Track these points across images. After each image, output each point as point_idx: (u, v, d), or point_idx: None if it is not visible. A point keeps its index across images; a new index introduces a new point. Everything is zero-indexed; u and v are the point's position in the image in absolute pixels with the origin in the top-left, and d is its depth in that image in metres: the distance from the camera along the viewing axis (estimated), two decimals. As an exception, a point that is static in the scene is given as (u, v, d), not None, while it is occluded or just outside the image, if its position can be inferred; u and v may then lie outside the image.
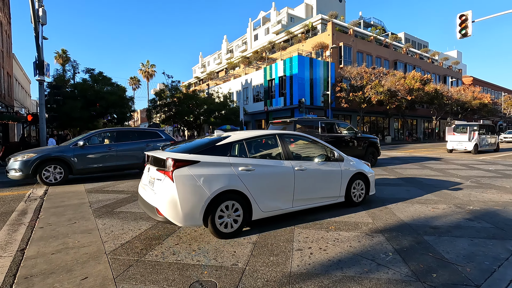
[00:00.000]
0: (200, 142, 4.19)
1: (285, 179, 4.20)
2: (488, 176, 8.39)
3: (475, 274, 2.74)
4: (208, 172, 3.60)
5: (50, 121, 20.79)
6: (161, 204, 3.46)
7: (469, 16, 12.92)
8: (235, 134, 4.30)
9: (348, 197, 5.03)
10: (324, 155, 4.86)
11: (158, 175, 3.67)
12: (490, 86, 58.87)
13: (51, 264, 3.07)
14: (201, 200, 3.49)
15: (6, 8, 26.17)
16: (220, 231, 3.64)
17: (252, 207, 3.86)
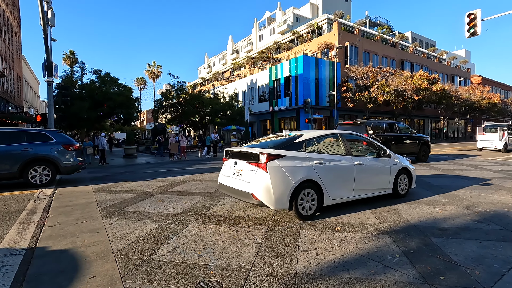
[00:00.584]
0: (280, 139, 4.93)
1: (348, 172, 4.90)
2: (498, 178, 8.25)
3: (484, 277, 2.70)
4: (292, 165, 4.34)
5: (58, 121, 21.10)
6: (257, 190, 4.18)
7: (477, 15, 12.72)
8: (307, 133, 4.99)
9: (395, 189, 5.69)
10: (376, 152, 5.59)
11: (250, 167, 4.39)
12: (499, 85, 57.81)
13: (59, 263, 3.11)
14: (287, 187, 4.18)
15: (16, 10, 26.66)
16: (301, 213, 4.38)
17: (324, 195, 4.57)
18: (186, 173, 10.48)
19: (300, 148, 4.63)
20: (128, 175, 10.20)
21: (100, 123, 24.65)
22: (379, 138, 11.24)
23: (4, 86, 21.43)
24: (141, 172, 11.01)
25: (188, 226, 4.30)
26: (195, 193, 6.75)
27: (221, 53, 62.44)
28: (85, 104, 20.23)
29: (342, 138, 5.20)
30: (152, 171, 11.19)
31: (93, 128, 25.15)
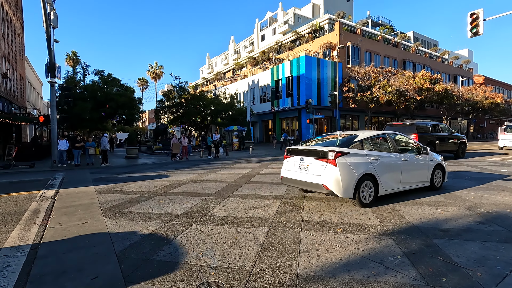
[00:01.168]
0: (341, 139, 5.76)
1: (396, 167, 5.71)
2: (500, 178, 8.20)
3: (486, 279, 2.69)
4: (355, 160, 5.12)
5: (61, 122, 21.20)
6: (328, 182, 4.95)
7: (480, 15, 12.66)
8: (362, 133, 5.78)
9: (431, 183, 6.49)
10: (416, 150, 6.46)
11: (319, 162, 5.16)
12: (502, 85, 57.48)
13: (62, 263, 3.14)
14: (352, 179, 4.96)
15: (19, 11, 26.82)
16: (362, 202, 5.15)
17: (379, 186, 5.33)
18: (188, 173, 10.51)
19: (359, 146, 5.46)
20: (130, 176, 10.24)
21: (103, 123, 24.72)
22: (425, 137, 12.68)
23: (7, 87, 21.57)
24: (143, 173, 11.04)
25: (189, 227, 4.32)
26: (196, 193, 6.77)
27: (223, 53, 62.52)
28: (87, 105, 20.31)
29: (389, 138, 6.07)
30: (154, 172, 11.23)
31: (96, 128, 25.25)
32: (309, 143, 6.22)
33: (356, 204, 5.22)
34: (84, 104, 20.19)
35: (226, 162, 14.52)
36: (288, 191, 6.78)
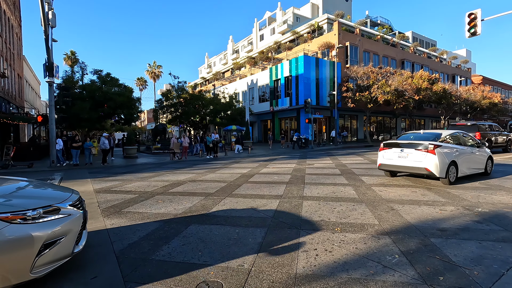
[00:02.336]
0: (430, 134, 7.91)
1: (468, 156, 7.78)
2: (498, 178, 8.25)
3: (483, 278, 2.71)
4: (446, 151, 7.13)
5: (59, 122, 21.14)
6: (429, 166, 6.98)
7: (478, 15, 12.70)
8: (444, 132, 7.91)
9: (485, 169, 8.45)
10: (476, 144, 8.48)
11: (419, 152, 7.18)
12: (500, 85, 57.71)
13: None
14: (445, 164, 7.00)
15: (17, 11, 26.72)
16: (450, 180, 7.13)
17: (458, 170, 7.39)
18: (187, 173, 10.51)
19: (445, 141, 7.49)
20: (129, 176, 10.23)
21: (101, 123, 24.66)
22: (485, 135, 15.49)
23: (5, 87, 21.49)
24: (142, 173, 11.04)
25: (188, 226, 4.33)
26: (195, 193, 6.77)
27: (222, 53, 62.47)
28: (86, 105, 20.25)
29: (461, 135, 8.20)
30: (152, 172, 11.22)
31: (94, 128, 25.18)
32: (398, 140, 8.20)
33: (445, 183, 7.18)
34: (82, 104, 20.13)
35: (225, 162, 14.52)
36: (287, 191, 6.79)
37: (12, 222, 2.38)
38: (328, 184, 7.62)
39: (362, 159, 14.38)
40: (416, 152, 7.23)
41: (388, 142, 8.11)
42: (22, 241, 2.36)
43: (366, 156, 15.70)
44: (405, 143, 7.65)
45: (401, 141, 7.89)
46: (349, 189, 6.85)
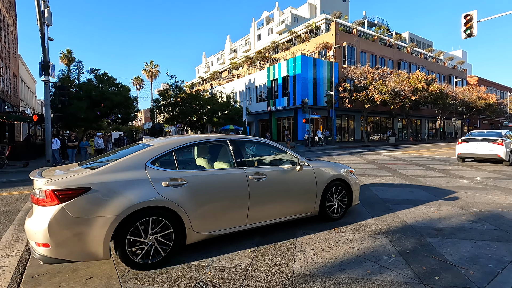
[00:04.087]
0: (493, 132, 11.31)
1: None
2: (493, 178, 8.33)
3: (478, 277, 2.74)
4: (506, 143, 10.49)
5: (55, 121, 20.97)
6: (500, 153, 10.55)
7: (474, 16, 12.80)
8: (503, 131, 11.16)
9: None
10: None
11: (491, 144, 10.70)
12: (495, 86, 58.26)
13: (57, 264, 3.11)
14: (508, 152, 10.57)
15: (12, 9, 26.47)
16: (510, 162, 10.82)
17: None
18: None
19: (506, 137, 10.74)
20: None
21: (98, 122, 24.51)
22: None
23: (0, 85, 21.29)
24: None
25: (185, 226, 4.30)
26: (192, 193, 6.74)
27: (219, 52, 62.39)
28: (82, 104, 20.11)
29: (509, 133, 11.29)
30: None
31: (91, 128, 25.03)
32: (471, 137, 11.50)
33: (507, 164, 10.67)
34: (79, 103, 19.99)
35: (222, 162, 14.48)
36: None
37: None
38: (325, 184, 7.62)
39: (359, 159, 14.43)
40: (489, 144, 10.80)
41: (465, 138, 11.73)
42: None
43: (363, 156, 15.76)
44: (480, 139, 11.12)
45: (476, 137, 11.35)
46: (346, 189, 6.85)
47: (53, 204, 2.60)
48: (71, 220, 2.61)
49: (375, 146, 27.46)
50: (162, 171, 3.13)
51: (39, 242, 2.59)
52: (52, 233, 2.55)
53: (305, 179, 4.09)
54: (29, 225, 2.66)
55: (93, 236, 2.66)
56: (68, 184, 2.67)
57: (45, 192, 2.63)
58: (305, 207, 4.09)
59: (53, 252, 2.59)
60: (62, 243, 2.60)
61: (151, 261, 2.92)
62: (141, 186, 2.92)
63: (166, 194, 2.99)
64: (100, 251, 2.70)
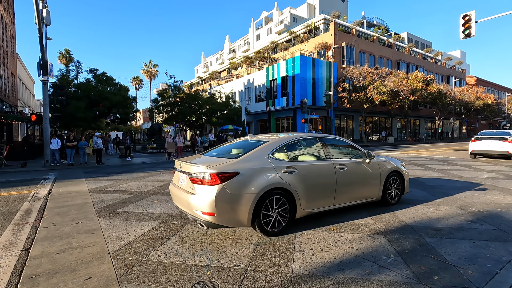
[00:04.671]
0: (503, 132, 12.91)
1: None
2: (492, 178, 8.35)
3: (476, 277, 2.74)
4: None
5: (53, 121, 20.91)
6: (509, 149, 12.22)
7: (472, 16, 12.84)
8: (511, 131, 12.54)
9: None
10: None
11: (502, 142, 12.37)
12: (493, 86, 58.45)
13: (55, 264, 3.10)
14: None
15: (10, 8, 26.37)
16: None
17: None
18: (183, 173, 10.45)
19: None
20: (124, 175, 10.16)
21: (96, 122, 24.46)
22: None
23: (-2, 85, 21.21)
24: (138, 172, 10.97)
25: (184, 226, 4.31)
26: (191, 193, 6.74)
27: (218, 52, 62.35)
28: (81, 104, 20.06)
29: None
30: (148, 171, 11.16)
31: (89, 127, 24.97)
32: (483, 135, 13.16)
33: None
34: (77, 103, 19.94)
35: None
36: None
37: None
38: (324, 184, 7.62)
39: (358, 159, 14.43)
40: (500, 142, 12.41)
41: (477, 137, 13.32)
42: None
43: (362, 156, 15.75)
44: (491, 137, 12.78)
45: (487, 136, 12.99)
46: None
47: (217, 183, 3.48)
48: (228, 195, 3.49)
49: (373, 146, 27.50)
50: (279, 161, 4.05)
51: (206, 211, 3.47)
52: (216, 204, 3.42)
53: (373, 170, 5.01)
54: (195, 200, 3.58)
55: (241, 208, 3.55)
56: (226, 169, 3.59)
57: (211, 175, 3.49)
58: (372, 193, 5.00)
59: (216, 219, 3.47)
60: (223, 212, 3.47)
61: (276, 229, 3.83)
62: (269, 172, 3.82)
63: (284, 178, 3.88)
64: (246, 220, 3.59)
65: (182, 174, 4.00)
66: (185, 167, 3.95)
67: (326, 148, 4.68)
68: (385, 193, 5.19)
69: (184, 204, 3.81)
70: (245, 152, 4.05)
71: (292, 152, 4.38)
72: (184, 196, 3.79)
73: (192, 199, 3.61)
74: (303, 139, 4.69)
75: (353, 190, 4.69)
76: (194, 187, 3.65)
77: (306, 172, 4.13)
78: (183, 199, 3.80)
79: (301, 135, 4.72)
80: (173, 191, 4.19)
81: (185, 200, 3.76)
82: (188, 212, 3.75)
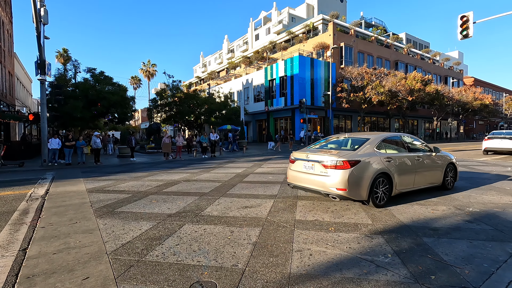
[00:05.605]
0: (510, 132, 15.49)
1: None
2: (488, 178, 8.39)
3: (473, 276, 2.76)
4: None
5: (51, 120, 20.82)
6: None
7: (470, 17, 12.89)
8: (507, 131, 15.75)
9: None
10: None
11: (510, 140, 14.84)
12: (491, 86, 58.71)
13: (52, 264, 3.09)
14: None
15: (7, 7, 26.24)
16: None
17: None
18: (181, 173, 10.45)
19: None
20: (123, 175, 10.13)
21: (94, 122, 24.36)
22: None
23: (-5, 84, 21.10)
24: (136, 172, 10.94)
25: (182, 226, 4.30)
26: (189, 193, 6.74)
27: (217, 52, 62.27)
28: (79, 103, 19.97)
29: None
30: (146, 171, 11.14)
31: (87, 127, 24.87)
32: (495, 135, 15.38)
33: None
34: (75, 103, 19.85)
35: (219, 162, 14.49)
36: (281, 191, 6.81)
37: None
38: (322, 184, 7.64)
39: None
40: (509, 140, 14.60)
41: (490, 136, 15.65)
42: None
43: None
44: (502, 136, 14.97)
45: (498, 135, 15.30)
46: (343, 189, 6.88)
47: (348, 168, 4.83)
48: (355, 176, 4.83)
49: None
50: (381, 153, 5.39)
51: (339, 188, 4.81)
52: (348, 182, 4.78)
53: (437, 161, 6.40)
54: (329, 180, 4.93)
55: (363, 186, 4.91)
56: (353, 158, 4.96)
57: (343, 162, 4.86)
58: (436, 179, 6.36)
59: (347, 193, 4.81)
60: (352, 189, 4.82)
61: (382, 203, 5.21)
62: (377, 161, 5.16)
63: (386, 165, 5.23)
64: (365, 195, 4.96)
65: (308, 162, 5.36)
66: (313, 157, 5.31)
67: (406, 144, 6.12)
68: (445, 179, 6.53)
69: (315, 184, 5.17)
70: (359, 146, 5.39)
71: (386, 146, 5.67)
72: (315, 178, 5.18)
73: (327, 180, 4.95)
74: (392, 136, 6.05)
75: (425, 176, 6.02)
76: (326, 171, 4.98)
77: (398, 162, 5.49)
78: (314, 180, 5.18)
79: (390, 134, 6.08)
80: (295, 175, 5.60)
81: (317, 181, 5.13)
82: (320, 189, 5.09)
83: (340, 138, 6.36)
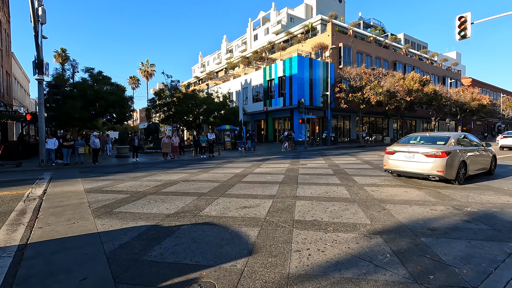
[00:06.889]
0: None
1: None
2: (487, 177, 8.42)
3: (472, 276, 2.76)
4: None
5: (49, 120, 20.72)
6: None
7: (468, 18, 12.94)
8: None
9: None
10: None
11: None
12: (489, 87, 58.97)
13: (50, 265, 3.08)
14: None
15: (5, 6, 26.11)
16: None
17: None
18: (180, 173, 10.43)
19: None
20: (121, 175, 10.10)
21: (92, 122, 24.26)
22: None
23: (-7, 84, 20.97)
24: (134, 172, 10.91)
25: (181, 227, 4.29)
26: (188, 193, 6.73)
27: (215, 52, 62.23)
28: (77, 103, 19.88)
29: None
30: (145, 171, 11.11)
31: (85, 127, 24.77)
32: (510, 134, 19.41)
33: None
34: (73, 103, 19.76)
35: (218, 162, 14.47)
36: (280, 191, 6.81)
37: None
38: (321, 184, 7.66)
39: (354, 159, 14.50)
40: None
41: (505, 135, 19.28)
42: None
43: (359, 157, 15.84)
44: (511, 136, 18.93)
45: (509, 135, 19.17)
46: (342, 189, 6.90)
47: (444, 157, 6.90)
48: (449, 162, 6.91)
49: (370, 146, 27.63)
50: (459, 146, 7.50)
51: (439, 170, 6.90)
52: (446, 167, 6.87)
53: (487, 154, 8.64)
54: (431, 166, 7.02)
55: (453, 169, 7.02)
56: (447, 150, 7.01)
57: (442, 152, 6.92)
58: (486, 166, 8.57)
59: (445, 174, 6.90)
60: (447, 171, 6.92)
61: (463, 182, 7.41)
62: (459, 152, 7.22)
63: (463, 155, 7.34)
64: (454, 175, 7.08)
65: (409, 153, 7.48)
66: (413, 149, 7.46)
67: (470, 140, 8.36)
68: (491, 167, 8.76)
69: (416, 168, 7.30)
70: (446, 142, 7.46)
71: (460, 141, 7.78)
72: (418, 165, 7.28)
73: (428, 166, 7.07)
74: (462, 135, 8.18)
75: (482, 163, 8.33)
76: (427, 160, 7.07)
77: (469, 153, 7.62)
78: (417, 166, 7.29)
79: (461, 133, 8.31)
80: (396, 163, 7.73)
81: (420, 167, 7.23)
82: (422, 172, 7.24)
83: (424, 135, 8.50)
